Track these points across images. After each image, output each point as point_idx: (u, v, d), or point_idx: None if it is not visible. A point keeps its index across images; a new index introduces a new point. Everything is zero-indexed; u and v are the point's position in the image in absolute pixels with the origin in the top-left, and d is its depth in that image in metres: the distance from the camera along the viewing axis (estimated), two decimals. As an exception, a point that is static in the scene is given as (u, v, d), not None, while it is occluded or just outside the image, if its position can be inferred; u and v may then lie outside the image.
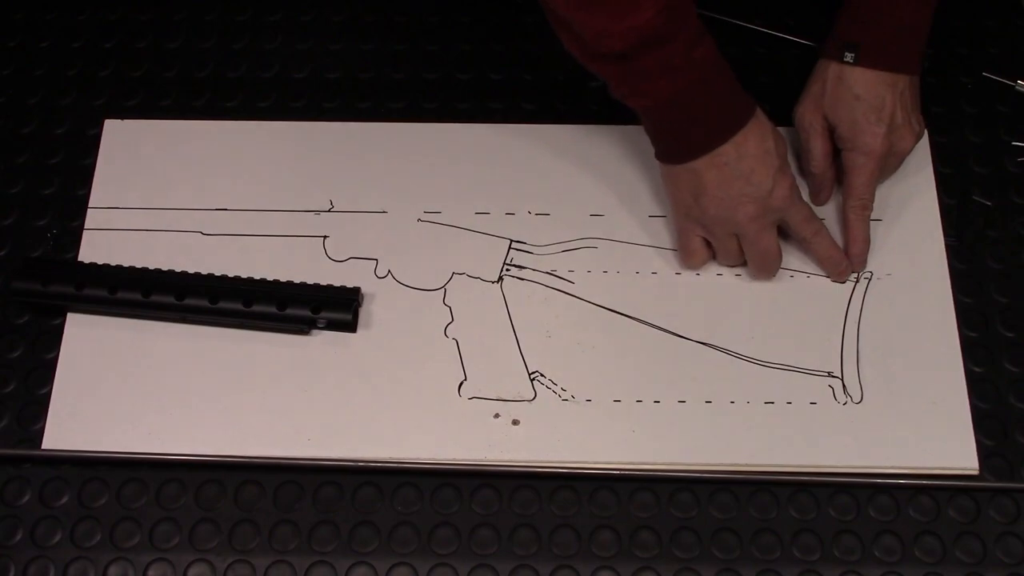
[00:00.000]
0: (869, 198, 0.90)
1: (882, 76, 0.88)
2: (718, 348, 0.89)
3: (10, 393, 0.88)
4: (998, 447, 0.85)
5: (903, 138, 0.90)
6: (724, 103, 0.84)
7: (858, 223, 0.91)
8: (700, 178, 0.85)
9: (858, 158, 0.89)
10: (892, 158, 0.91)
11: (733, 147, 0.84)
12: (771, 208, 0.86)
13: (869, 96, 0.88)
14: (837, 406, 0.86)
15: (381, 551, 0.82)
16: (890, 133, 0.89)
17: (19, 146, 1.00)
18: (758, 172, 0.85)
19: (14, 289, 0.90)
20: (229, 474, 0.85)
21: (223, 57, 1.04)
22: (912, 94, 0.90)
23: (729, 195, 0.85)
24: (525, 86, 1.02)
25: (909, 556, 0.82)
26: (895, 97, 0.88)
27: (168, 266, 0.91)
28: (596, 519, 0.83)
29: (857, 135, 0.89)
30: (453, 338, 0.89)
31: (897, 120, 0.89)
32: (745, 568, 0.82)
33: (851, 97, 0.88)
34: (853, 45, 0.88)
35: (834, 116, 0.90)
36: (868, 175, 0.90)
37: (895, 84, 0.88)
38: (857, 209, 0.90)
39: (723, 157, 0.84)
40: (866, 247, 0.91)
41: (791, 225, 0.89)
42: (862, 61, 0.87)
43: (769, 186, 0.85)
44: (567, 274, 0.92)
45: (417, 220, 0.95)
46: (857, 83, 0.88)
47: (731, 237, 0.88)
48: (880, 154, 0.89)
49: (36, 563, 0.82)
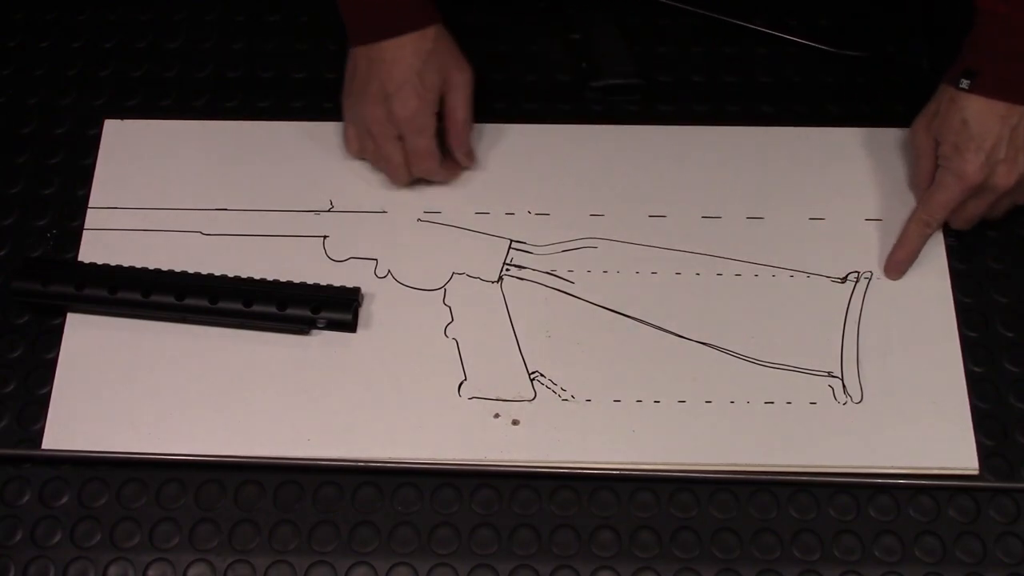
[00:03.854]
0: (937, 218, 0.90)
1: (994, 106, 0.86)
2: (718, 348, 0.89)
3: (10, 393, 0.88)
4: (998, 447, 0.85)
5: (1002, 173, 0.87)
6: (395, 4, 0.89)
7: (913, 234, 0.91)
8: (355, 64, 0.92)
9: (947, 177, 0.88)
10: (988, 192, 0.88)
11: (390, 46, 0.89)
12: (393, 116, 0.90)
13: (976, 123, 0.86)
14: (837, 406, 0.86)
15: (381, 551, 0.82)
16: (988, 164, 0.86)
17: (19, 146, 1.00)
18: (394, 77, 0.89)
19: (14, 289, 0.90)
20: (229, 474, 0.85)
21: (223, 57, 1.04)
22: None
23: (365, 91, 0.90)
24: (525, 86, 1.02)
25: (909, 556, 0.82)
26: (1004, 129, 0.86)
27: (168, 266, 0.91)
28: (596, 519, 0.83)
29: (954, 156, 0.87)
30: (453, 338, 0.89)
31: (999, 153, 0.86)
32: (745, 568, 0.82)
33: (959, 121, 0.87)
34: (970, 72, 0.86)
35: (940, 136, 0.89)
36: (948, 196, 0.88)
37: (1007, 116, 0.86)
38: (920, 222, 0.90)
39: (376, 52, 0.89)
40: (908, 257, 0.91)
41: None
42: (976, 88, 0.86)
43: (392, 92, 0.89)
44: (567, 274, 0.92)
45: (417, 220, 0.95)
46: (967, 108, 0.86)
47: (366, 134, 0.93)
48: (971, 182, 0.87)
49: (36, 563, 0.82)
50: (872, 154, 0.97)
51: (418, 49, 0.90)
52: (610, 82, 1.01)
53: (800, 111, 1.00)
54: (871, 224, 0.93)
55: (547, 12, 1.06)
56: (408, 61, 0.89)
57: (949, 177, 0.88)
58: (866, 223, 0.94)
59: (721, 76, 1.03)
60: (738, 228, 0.94)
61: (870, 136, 0.98)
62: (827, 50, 1.03)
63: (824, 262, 0.92)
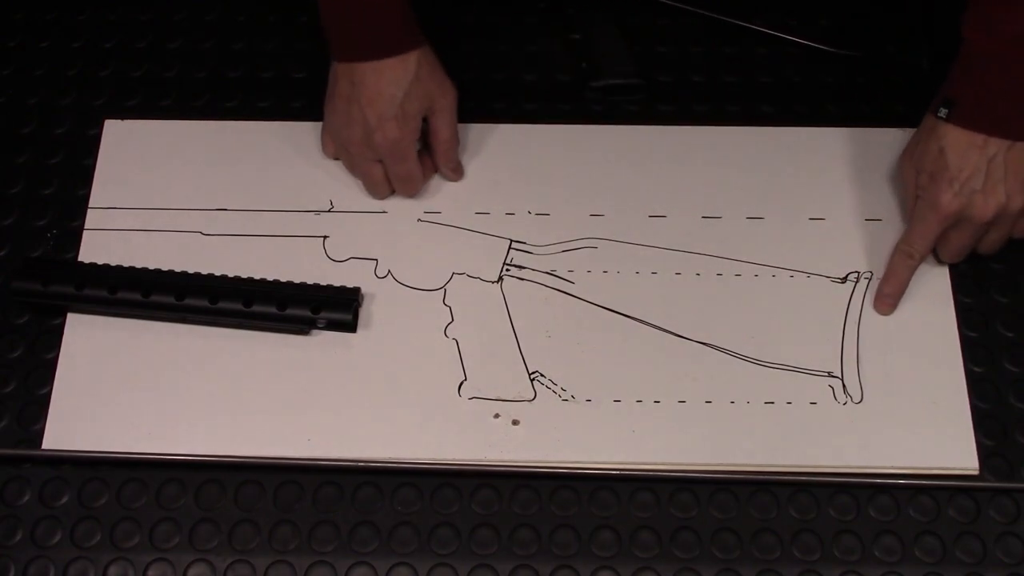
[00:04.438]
0: (918, 249, 0.88)
1: (973, 137, 0.84)
2: (718, 348, 0.89)
3: (10, 393, 0.88)
4: (998, 447, 0.85)
5: (979, 204, 0.85)
6: (378, 25, 0.88)
7: (898, 266, 0.89)
8: (336, 78, 0.91)
9: (923, 207, 0.87)
10: (966, 223, 0.86)
11: (371, 71, 0.88)
12: (373, 144, 0.90)
13: (953, 153, 0.85)
14: (837, 406, 0.86)
15: (381, 551, 0.82)
16: (962, 194, 0.85)
17: (19, 146, 1.00)
18: (375, 107, 0.89)
19: (14, 289, 0.90)
20: (229, 474, 0.85)
21: (223, 57, 1.04)
22: (1009, 161, 0.85)
23: (348, 112, 0.90)
24: (525, 86, 1.02)
25: (909, 556, 0.82)
26: (982, 160, 0.84)
27: (168, 266, 0.91)
28: (596, 519, 0.83)
29: (929, 186, 0.86)
30: (453, 338, 0.89)
31: (975, 184, 0.84)
32: (745, 568, 0.82)
33: (936, 150, 0.86)
34: (949, 101, 0.85)
35: (919, 166, 0.88)
36: (925, 227, 0.87)
37: (985, 147, 0.84)
38: (902, 253, 0.89)
39: (358, 75, 0.89)
40: (896, 291, 0.89)
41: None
42: (954, 118, 0.85)
43: (374, 124, 0.89)
44: (567, 274, 0.92)
45: (417, 220, 0.95)
46: (944, 138, 0.85)
47: (342, 150, 0.94)
48: (945, 212, 0.85)
49: (36, 563, 0.82)
50: (872, 154, 0.97)
51: (400, 78, 0.89)
52: (610, 82, 1.01)
53: (800, 111, 1.00)
54: (871, 224, 0.93)
55: (547, 12, 1.06)
56: (390, 92, 0.89)
57: (925, 208, 0.87)
58: (866, 223, 0.94)
59: (721, 76, 1.03)
60: (738, 228, 0.94)
61: (870, 136, 0.98)
62: (827, 50, 1.03)
63: (824, 262, 0.92)
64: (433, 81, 0.91)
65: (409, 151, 0.92)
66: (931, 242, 0.88)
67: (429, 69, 0.90)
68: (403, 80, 0.89)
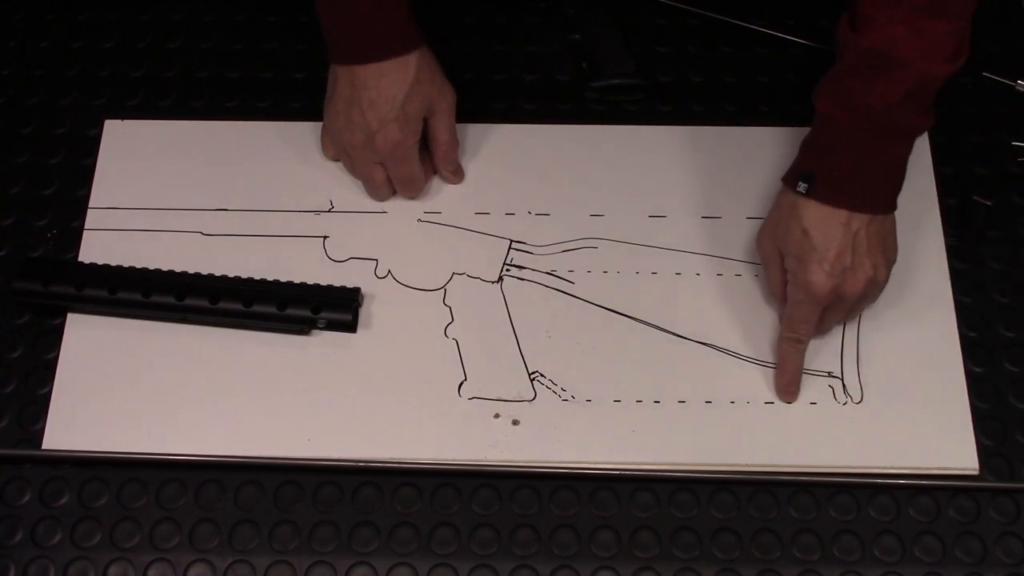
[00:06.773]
0: (805, 334, 0.85)
1: (835, 213, 0.82)
2: (718, 348, 0.89)
3: (10, 393, 0.88)
4: (998, 447, 0.85)
5: (851, 282, 0.83)
6: (378, 27, 0.87)
7: (788, 353, 0.86)
8: (335, 79, 0.91)
9: (797, 292, 0.84)
10: (842, 301, 0.84)
11: (372, 73, 0.88)
12: (375, 147, 0.90)
13: (817, 233, 0.82)
14: (837, 406, 0.86)
15: (381, 551, 0.82)
16: (834, 274, 0.82)
17: (19, 146, 1.00)
18: (376, 110, 0.89)
19: (14, 289, 0.90)
20: (229, 474, 0.85)
21: (223, 57, 1.04)
22: (871, 235, 0.83)
23: (348, 114, 0.90)
24: (525, 86, 1.02)
25: (909, 556, 0.82)
26: (847, 237, 0.82)
27: (168, 266, 0.91)
28: (596, 519, 0.83)
29: (799, 271, 0.83)
30: (453, 338, 0.89)
31: (844, 262, 0.82)
32: (745, 568, 0.82)
33: (799, 231, 0.83)
34: (808, 176, 0.82)
35: (784, 248, 0.85)
36: (805, 313, 0.84)
37: (848, 223, 0.82)
38: (788, 341, 0.86)
39: (358, 77, 0.88)
40: (795, 379, 0.86)
41: None
42: (815, 194, 0.82)
43: (375, 127, 0.89)
44: (567, 274, 0.92)
45: (417, 220, 0.95)
46: (806, 217, 0.82)
47: (343, 152, 0.94)
48: (821, 295, 0.83)
49: (36, 563, 0.82)
50: (872, 154, 0.97)
51: (401, 80, 0.89)
52: (610, 82, 1.01)
53: (800, 111, 1.00)
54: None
55: (547, 12, 1.06)
56: (391, 94, 0.88)
57: (799, 292, 0.84)
58: (866, 223, 0.94)
59: (721, 76, 1.03)
60: (738, 228, 0.94)
61: (870, 136, 0.98)
62: (827, 50, 1.03)
63: (824, 262, 0.92)
64: (433, 83, 0.91)
65: (411, 153, 0.92)
66: (814, 323, 0.85)
67: (429, 70, 0.90)
68: (404, 82, 0.89)
